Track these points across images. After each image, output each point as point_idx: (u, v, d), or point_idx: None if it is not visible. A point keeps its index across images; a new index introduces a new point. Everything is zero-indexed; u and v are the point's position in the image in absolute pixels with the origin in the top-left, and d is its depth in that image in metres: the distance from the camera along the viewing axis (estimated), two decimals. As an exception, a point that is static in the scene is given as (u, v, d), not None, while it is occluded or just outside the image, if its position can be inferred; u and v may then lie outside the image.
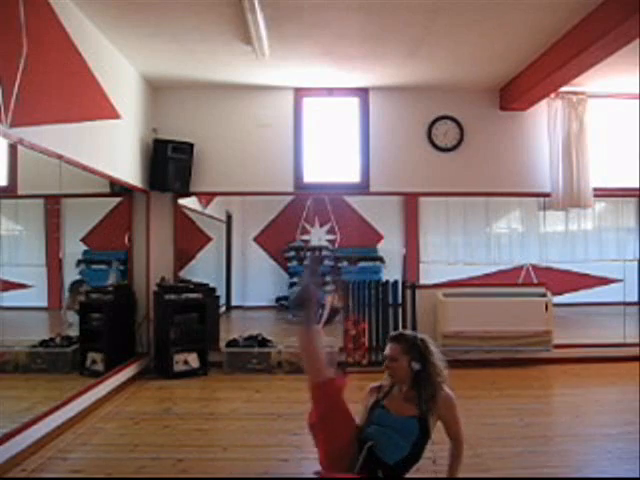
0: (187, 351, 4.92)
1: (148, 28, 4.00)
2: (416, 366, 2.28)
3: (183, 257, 5.65)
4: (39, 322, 4.94)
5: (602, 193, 5.61)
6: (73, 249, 5.03)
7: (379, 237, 7.81)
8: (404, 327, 5.24)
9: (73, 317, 5.50)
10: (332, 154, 5.58)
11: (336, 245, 7.76)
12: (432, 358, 2.32)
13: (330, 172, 5.55)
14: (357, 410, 2.39)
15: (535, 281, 7.25)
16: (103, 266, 5.37)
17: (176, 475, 2.81)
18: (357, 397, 4.32)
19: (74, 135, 3.63)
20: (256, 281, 7.70)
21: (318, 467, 2.90)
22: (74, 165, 3.64)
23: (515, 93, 5.23)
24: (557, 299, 5.42)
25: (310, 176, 5.48)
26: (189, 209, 5.78)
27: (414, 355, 2.30)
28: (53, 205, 4.65)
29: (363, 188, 5.50)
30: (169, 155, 5.01)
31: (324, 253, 7.86)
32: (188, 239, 5.79)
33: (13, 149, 3.54)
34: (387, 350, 2.36)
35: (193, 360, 4.93)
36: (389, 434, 2.24)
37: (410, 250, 7.67)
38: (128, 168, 4.71)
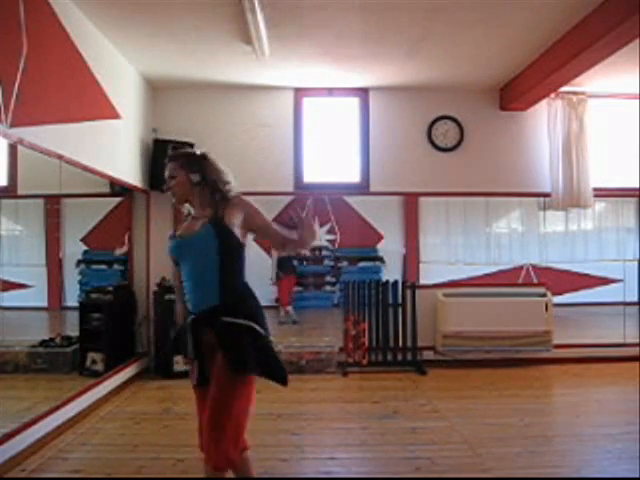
0: (187, 351, 4.91)
1: (148, 28, 4.00)
2: (195, 178, 2.13)
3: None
4: (39, 322, 4.95)
5: (602, 193, 5.61)
6: (73, 249, 5.03)
7: (379, 237, 7.81)
8: (404, 327, 5.25)
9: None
10: (332, 154, 5.58)
11: (336, 245, 7.76)
12: (211, 166, 2.16)
13: (330, 172, 5.55)
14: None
15: (535, 281, 7.24)
16: (103, 266, 5.37)
17: (176, 475, 2.81)
18: (356, 397, 4.34)
19: (74, 135, 3.62)
20: (256, 281, 7.65)
21: (318, 468, 2.91)
22: (74, 165, 3.63)
23: (515, 93, 5.23)
24: (557, 299, 5.41)
25: (310, 176, 5.48)
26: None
27: (192, 168, 2.13)
28: (53, 205, 4.66)
29: (363, 188, 5.50)
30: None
31: (324, 253, 7.87)
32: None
33: (13, 149, 3.54)
34: (166, 172, 2.20)
35: (193, 360, 4.93)
36: (192, 263, 2.08)
37: (410, 250, 7.66)
38: (128, 168, 4.71)
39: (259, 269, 7.62)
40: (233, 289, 2.08)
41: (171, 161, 2.19)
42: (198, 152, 2.22)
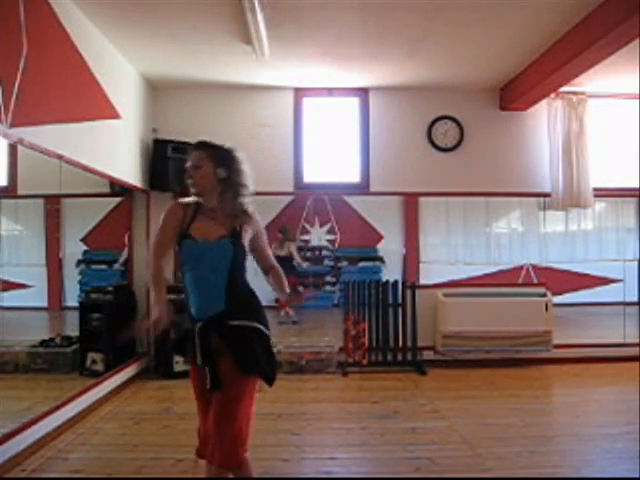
0: (187, 351, 4.91)
1: (148, 28, 4.00)
2: (222, 173, 2.05)
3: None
4: (39, 322, 4.95)
5: (602, 193, 5.62)
6: (73, 249, 5.03)
7: (379, 237, 7.80)
8: (404, 327, 5.25)
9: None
10: (332, 154, 5.58)
11: (336, 245, 7.76)
12: (237, 165, 2.09)
13: (330, 172, 5.55)
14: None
15: (535, 281, 7.24)
16: (103, 266, 5.37)
17: (176, 475, 2.81)
18: (356, 397, 4.34)
19: (74, 135, 3.62)
20: (256, 281, 7.65)
21: (318, 468, 2.91)
22: (74, 165, 3.63)
23: (515, 93, 5.23)
24: (557, 299, 5.41)
25: (310, 176, 5.49)
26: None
27: (219, 162, 2.06)
28: (53, 205, 4.66)
29: (363, 188, 5.50)
30: (169, 155, 5.01)
31: (324, 253, 7.86)
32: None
33: (13, 149, 3.54)
34: (190, 160, 2.10)
35: (193, 360, 4.93)
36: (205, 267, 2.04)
37: (410, 250, 7.65)
38: (128, 168, 4.71)
39: (260, 270, 7.61)
40: (238, 293, 2.08)
41: (197, 149, 2.10)
42: (226, 146, 2.13)
